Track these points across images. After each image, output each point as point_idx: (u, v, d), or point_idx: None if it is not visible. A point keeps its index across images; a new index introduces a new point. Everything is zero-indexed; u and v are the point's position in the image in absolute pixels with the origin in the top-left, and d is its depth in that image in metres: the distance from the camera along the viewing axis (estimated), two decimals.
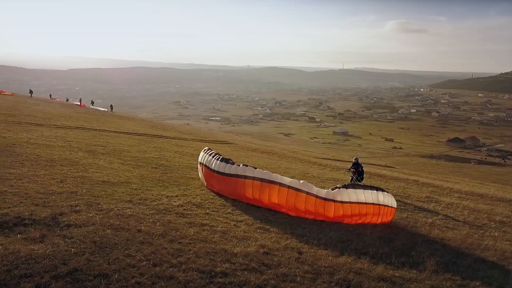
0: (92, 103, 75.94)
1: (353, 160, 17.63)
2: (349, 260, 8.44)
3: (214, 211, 11.48)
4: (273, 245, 8.81)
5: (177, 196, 12.78)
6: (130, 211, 10.04)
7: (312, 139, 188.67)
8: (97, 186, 12.63)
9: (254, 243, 8.69)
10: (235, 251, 8.06)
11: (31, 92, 72.88)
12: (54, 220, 8.57)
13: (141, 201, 11.41)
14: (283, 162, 28.09)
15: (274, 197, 12.13)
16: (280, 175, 12.34)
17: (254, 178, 12.39)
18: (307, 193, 11.61)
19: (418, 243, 10.59)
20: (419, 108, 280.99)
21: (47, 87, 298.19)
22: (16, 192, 10.35)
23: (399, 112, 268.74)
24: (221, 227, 9.79)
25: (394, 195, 18.27)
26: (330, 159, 45.80)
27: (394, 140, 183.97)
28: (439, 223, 13.58)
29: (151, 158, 20.82)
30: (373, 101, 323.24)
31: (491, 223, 14.78)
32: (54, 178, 13.00)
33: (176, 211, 10.74)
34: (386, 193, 12.53)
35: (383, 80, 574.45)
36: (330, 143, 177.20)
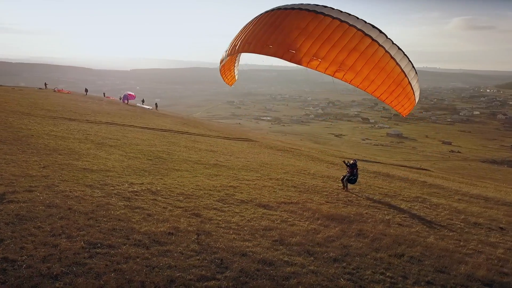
0: (143, 101, 79.45)
1: (351, 161, 17.65)
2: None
3: (165, 198, 12.36)
4: (184, 227, 9.49)
5: (142, 183, 13.83)
6: (79, 193, 11.20)
7: (363, 140, 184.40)
8: (73, 172, 14.02)
9: (166, 225, 9.44)
10: (142, 230, 8.86)
11: (86, 90, 78.18)
12: (2, 196, 9.89)
13: (100, 186, 12.57)
14: (292, 160, 28.37)
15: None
16: None
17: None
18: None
19: (344, 236, 10.74)
20: (483, 110, 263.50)
21: (110, 87, 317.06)
22: None
23: (460, 114, 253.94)
24: (153, 210, 10.65)
25: (385, 194, 18.26)
26: (361, 159, 45.07)
27: (452, 144, 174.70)
28: (397, 220, 13.43)
29: (154, 151, 22.16)
30: (432, 102, 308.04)
31: (461, 223, 14.27)
32: (39, 164, 14.60)
33: (124, 195, 11.77)
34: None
35: (445, 80, 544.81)
36: (382, 145, 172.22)
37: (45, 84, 79.46)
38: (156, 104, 74.20)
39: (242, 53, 15.18)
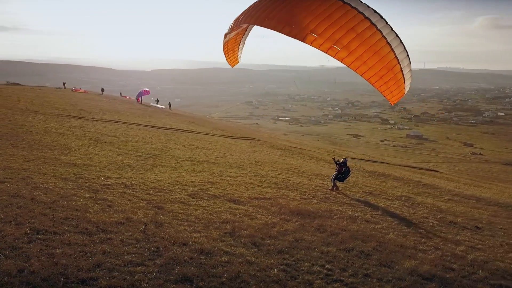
0: (157, 101, 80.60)
1: (342, 160, 17.74)
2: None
3: (135, 191, 12.79)
4: (138, 218, 9.88)
5: (119, 177, 14.32)
6: (50, 185, 11.76)
7: (382, 141, 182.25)
8: (54, 166, 14.65)
9: (121, 216, 9.84)
10: (94, 219, 9.29)
11: (102, 90, 79.97)
12: None
13: (75, 179, 13.11)
14: (289, 159, 28.51)
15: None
16: None
17: None
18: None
19: (301, 230, 10.93)
20: (508, 112, 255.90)
21: (132, 87, 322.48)
22: None
23: (484, 115, 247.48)
24: (116, 202, 11.09)
25: (369, 193, 18.29)
26: (370, 160, 44.78)
27: (474, 145, 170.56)
28: (367, 217, 13.48)
29: (147, 148, 22.72)
30: (455, 103, 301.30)
31: (435, 222, 14.22)
32: (25, 158, 15.31)
33: (94, 188, 12.27)
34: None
35: (468, 81, 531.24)
36: (401, 146, 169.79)
37: (64, 84, 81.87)
38: (169, 103, 75.14)
39: (247, 37, 15.84)
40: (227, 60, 17.17)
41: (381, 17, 11.40)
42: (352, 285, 8.01)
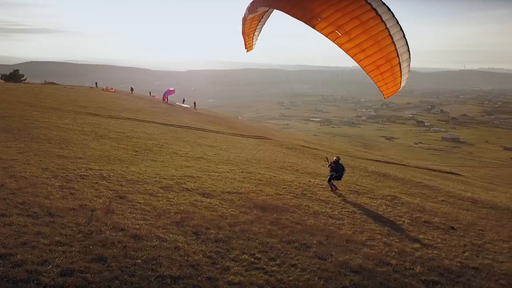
0: (183, 100, 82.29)
1: (334, 158, 17.91)
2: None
3: (108, 182, 13.52)
4: (92, 205, 10.55)
5: (101, 170, 15.12)
6: (27, 174, 12.69)
7: (416, 144, 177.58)
8: (43, 158, 15.68)
9: (76, 203, 10.54)
10: (48, 204, 10.00)
11: (132, 89, 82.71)
12: None
13: (56, 169, 14.02)
14: (290, 157, 28.67)
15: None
16: None
17: None
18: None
19: (254, 223, 11.26)
20: None
21: (166, 87, 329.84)
22: None
23: None
24: (82, 191, 11.82)
25: (354, 191, 18.30)
26: (382, 161, 43.98)
27: None
28: (335, 213, 13.62)
29: (147, 144, 23.63)
30: (496, 106, 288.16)
31: (407, 220, 14.20)
32: (19, 150, 16.45)
33: (69, 178, 13.10)
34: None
35: None
36: (436, 149, 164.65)
37: (96, 83, 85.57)
38: (194, 103, 76.59)
39: (263, 25, 16.26)
40: (244, 43, 17.36)
41: (389, 9, 11.49)
42: (272, 273, 8.29)
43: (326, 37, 11.70)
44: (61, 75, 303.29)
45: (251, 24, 16.21)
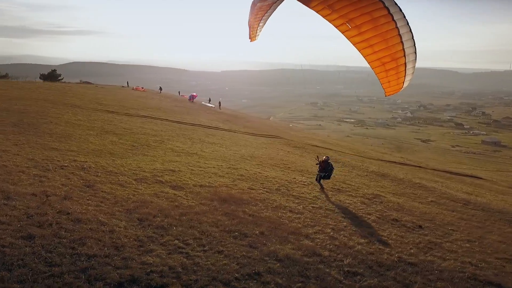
0: (209, 100, 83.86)
1: (324, 158, 18.19)
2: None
3: (85, 173, 14.44)
4: (53, 192, 11.44)
5: (85, 161, 16.12)
6: (8, 163, 13.82)
7: (453, 147, 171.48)
8: (35, 150, 16.91)
9: (39, 189, 11.45)
10: (12, 190, 10.96)
11: (160, 89, 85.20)
12: None
13: (41, 160, 15.14)
14: (291, 155, 28.88)
15: None
16: None
17: None
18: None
19: (203, 213, 11.78)
20: None
21: (202, 87, 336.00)
22: None
23: None
24: (52, 179, 12.77)
25: (336, 189, 18.42)
26: (394, 162, 43.11)
27: None
28: (298, 208, 13.86)
29: (147, 140, 24.66)
30: None
31: (375, 218, 14.20)
32: (16, 142, 17.78)
33: (48, 168, 14.15)
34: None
35: None
36: (474, 153, 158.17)
37: (127, 83, 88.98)
38: (219, 102, 77.88)
39: (268, 19, 16.24)
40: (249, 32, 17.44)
41: (400, 10, 11.61)
42: (192, 257, 8.78)
43: (337, 28, 11.89)
44: (101, 75, 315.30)
45: (256, 16, 15.94)
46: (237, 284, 7.90)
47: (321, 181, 18.16)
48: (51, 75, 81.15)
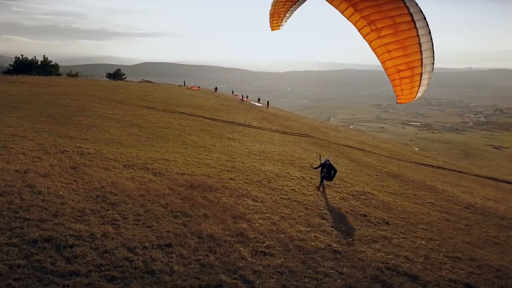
0: (258, 100, 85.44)
1: (323, 161, 18.56)
2: None
3: (82, 157, 16.21)
4: (34, 168, 13.22)
5: (88, 148, 18.01)
6: (15, 146, 15.94)
7: None
8: (50, 137, 19.10)
9: (24, 167, 13.29)
10: (3, 166, 12.91)
11: (215, 89, 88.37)
12: None
13: (49, 146, 17.13)
14: (305, 153, 29.13)
15: None
16: None
17: None
18: None
19: (166, 195, 12.89)
20: None
21: (265, 88, 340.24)
22: None
23: None
24: (47, 162, 14.59)
25: (333, 186, 18.73)
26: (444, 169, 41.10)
27: None
28: (265, 199, 14.43)
29: (166, 133, 26.34)
30: None
31: (345, 214, 14.42)
32: (39, 129, 20.21)
33: (50, 151, 16.11)
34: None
35: None
36: None
37: (184, 82, 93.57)
38: (267, 102, 79.05)
39: (298, 7, 16.38)
40: (269, 22, 17.54)
41: (424, 18, 11.71)
42: (119, 229, 9.90)
43: (358, 30, 11.99)
44: (169, 75, 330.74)
45: (285, 4, 16.06)
46: (141, 251, 8.89)
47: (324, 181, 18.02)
48: (116, 73, 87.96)
